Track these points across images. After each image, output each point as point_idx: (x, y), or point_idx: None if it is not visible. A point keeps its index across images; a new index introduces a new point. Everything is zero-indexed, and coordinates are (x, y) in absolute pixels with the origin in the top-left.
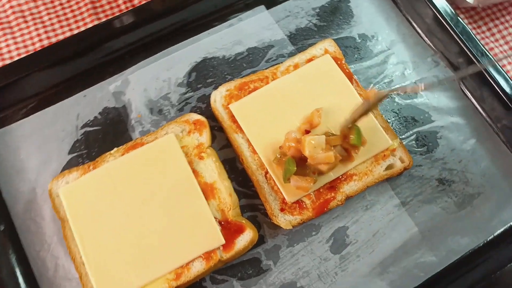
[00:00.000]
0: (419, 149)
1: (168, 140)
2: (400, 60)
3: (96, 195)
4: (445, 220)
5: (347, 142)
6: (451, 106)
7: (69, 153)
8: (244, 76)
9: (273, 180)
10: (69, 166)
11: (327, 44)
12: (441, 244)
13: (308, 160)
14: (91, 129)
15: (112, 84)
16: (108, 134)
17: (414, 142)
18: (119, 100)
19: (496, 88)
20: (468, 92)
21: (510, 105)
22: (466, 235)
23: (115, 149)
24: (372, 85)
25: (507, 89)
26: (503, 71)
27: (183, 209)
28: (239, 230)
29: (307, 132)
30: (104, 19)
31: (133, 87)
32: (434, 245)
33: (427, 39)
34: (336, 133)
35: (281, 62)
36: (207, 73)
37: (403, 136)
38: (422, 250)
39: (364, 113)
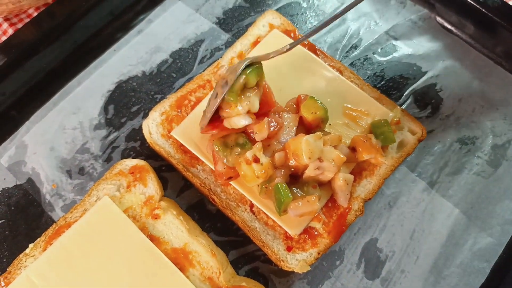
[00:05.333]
0: (422, 112)
1: (101, 208)
2: (360, 12)
3: None
4: (484, 187)
5: (369, 145)
6: (436, 48)
7: None
8: (178, 89)
9: (264, 213)
10: None
11: (270, 18)
12: (492, 218)
13: (306, 171)
14: None
15: (3, 155)
16: (18, 226)
17: (413, 104)
18: (20, 173)
19: (477, 6)
20: (448, 25)
21: (499, 20)
22: None
23: (31, 246)
24: (339, 50)
25: (489, 2)
26: None
27: None
28: None
29: None
30: None
31: (34, 150)
32: (485, 223)
33: None
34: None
35: (220, 57)
36: (128, 101)
37: (399, 102)
38: (474, 234)
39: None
